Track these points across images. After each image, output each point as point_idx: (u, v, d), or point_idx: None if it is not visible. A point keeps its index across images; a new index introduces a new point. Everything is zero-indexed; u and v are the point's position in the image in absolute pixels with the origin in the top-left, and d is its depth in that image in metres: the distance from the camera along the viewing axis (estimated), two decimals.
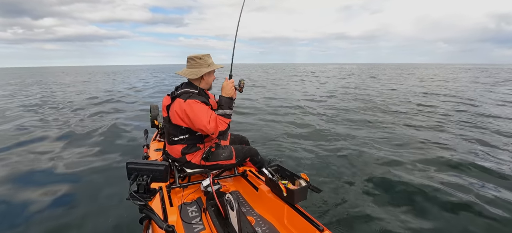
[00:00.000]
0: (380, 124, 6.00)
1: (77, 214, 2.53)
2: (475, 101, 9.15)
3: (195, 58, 1.91)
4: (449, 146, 4.37)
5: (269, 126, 5.97)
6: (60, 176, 3.42)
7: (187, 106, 1.79)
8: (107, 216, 2.46)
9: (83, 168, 3.64)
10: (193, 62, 1.92)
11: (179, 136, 1.92)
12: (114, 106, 9.21)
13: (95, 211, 2.57)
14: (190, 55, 1.93)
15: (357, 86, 15.24)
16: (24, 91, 14.54)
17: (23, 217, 2.51)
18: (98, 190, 2.98)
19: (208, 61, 1.93)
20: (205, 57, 1.92)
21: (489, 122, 6.07)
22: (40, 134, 5.44)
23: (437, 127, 5.72)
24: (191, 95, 1.85)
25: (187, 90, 1.89)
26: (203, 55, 1.92)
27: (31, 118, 7.08)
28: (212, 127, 1.80)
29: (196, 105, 1.80)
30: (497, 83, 16.81)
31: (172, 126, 1.91)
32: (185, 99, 1.82)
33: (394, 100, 9.74)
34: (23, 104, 9.65)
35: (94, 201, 2.76)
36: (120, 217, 2.41)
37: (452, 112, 7.31)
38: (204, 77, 1.94)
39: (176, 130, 1.91)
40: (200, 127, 1.81)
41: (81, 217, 2.48)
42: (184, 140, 1.93)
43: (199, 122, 1.79)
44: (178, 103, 1.84)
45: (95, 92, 13.43)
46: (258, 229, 1.68)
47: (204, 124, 1.78)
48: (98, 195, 2.87)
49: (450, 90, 12.90)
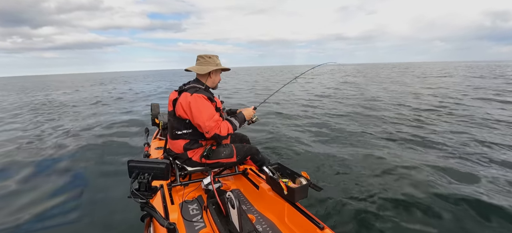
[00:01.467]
0: (381, 124, 5.99)
1: (78, 213, 2.54)
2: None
3: (205, 56, 2.03)
4: (450, 146, 4.36)
5: (269, 126, 5.98)
6: (60, 176, 3.43)
7: (192, 99, 1.85)
8: (109, 214, 2.47)
9: (83, 168, 3.65)
10: (202, 60, 2.03)
11: (182, 130, 1.95)
12: (114, 105, 9.22)
13: (96, 209, 2.59)
14: (201, 54, 2.04)
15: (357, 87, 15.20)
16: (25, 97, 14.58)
17: (23, 217, 2.52)
18: (99, 189, 3.00)
19: (216, 61, 2.04)
20: (214, 57, 2.04)
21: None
22: (37, 132, 5.46)
23: (438, 126, 5.71)
24: (198, 89, 1.92)
25: (195, 85, 1.97)
26: (212, 55, 2.05)
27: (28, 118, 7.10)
28: (210, 125, 1.82)
29: (201, 100, 1.86)
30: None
31: (176, 119, 1.95)
32: (191, 93, 1.88)
33: (392, 100, 9.72)
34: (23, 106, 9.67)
35: (95, 200, 2.77)
36: (121, 215, 2.42)
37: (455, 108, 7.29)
38: (211, 75, 2.03)
39: (180, 124, 1.94)
40: (199, 122, 1.84)
41: (83, 215, 2.50)
42: (187, 134, 1.96)
43: (199, 117, 1.83)
44: (184, 95, 1.90)
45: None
46: (259, 227, 1.68)
47: (204, 120, 1.82)
48: (99, 194, 2.89)
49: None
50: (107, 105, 9.52)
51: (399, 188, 2.89)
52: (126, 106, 9.18)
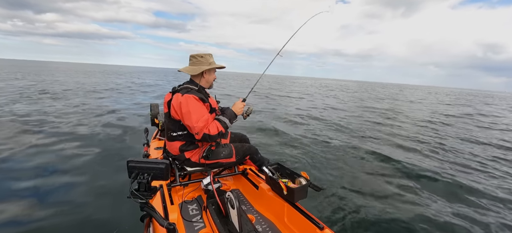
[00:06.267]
0: (382, 129, 6.00)
1: (77, 213, 2.54)
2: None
3: (197, 56, 1.97)
4: (444, 154, 4.37)
5: (270, 125, 5.98)
6: (60, 176, 3.42)
7: (183, 100, 1.81)
8: (108, 214, 2.46)
9: (83, 167, 3.64)
10: (195, 60, 1.97)
11: (177, 131, 1.93)
12: (113, 104, 9.22)
13: (96, 209, 2.58)
14: (193, 54, 1.98)
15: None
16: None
17: (23, 216, 2.52)
18: (99, 188, 2.99)
19: (209, 60, 1.98)
20: (207, 56, 1.98)
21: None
22: (37, 129, 5.45)
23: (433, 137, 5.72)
24: (189, 90, 1.88)
25: (187, 86, 1.93)
26: (204, 53, 1.98)
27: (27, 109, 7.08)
28: (198, 126, 1.78)
29: (192, 101, 1.81)
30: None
31: (171, 121, 1.93)
32: (183, 93, 1.85)
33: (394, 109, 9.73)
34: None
35: (95, 200, 2.77)
36: (121, 215, 2.42)
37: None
38: (205, 75, 1.97)
39: (175, 125, 1.92)
40: (188, 123, 1.81)
41: (82, 215, 2.49)
42: (182, 136, 1.94)
43: (188, 118, 1.80)
44: (176, 96, 1.87)
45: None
46: (259, 227, 1.68)
47: (192, 121, 1.78)
48: (99, 194, 2.88)
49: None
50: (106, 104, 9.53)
51: (400, 190, 2.89)
52: (126, 105, 9.18)
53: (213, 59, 2.02)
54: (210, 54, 2.00)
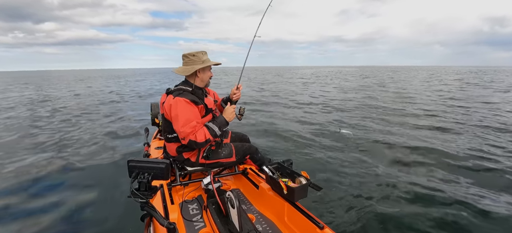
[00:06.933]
0: (383, 124, 5.99)
1: (78, 213, 2.54)
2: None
3: (189, 55, 1.89)
4: (453, 148, 4.36)
5: (270, 125, 5.98)
6: (60, 175, 3.43)
7: (173, 103, 1.78)
8: (109, 213, 2.47)
9: (83, 167, 3.65)
10: (187, 60, 1.91)
11: (173, 133, 1.91)
12: (113, 105, 9.22)
13: (96, 209, 2.59)
14: (185, 53, 1.91)
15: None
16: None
17: (22, 215, 2.52)
18: (99, 188, 2.99)
19: (202, 58, 1.90)
20: (199, 54, 1.90)
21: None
22: (37, 132, 5.46)
23: (441, 128, 5.71)
24: (181, 93, 1.82)
25: (180, 88, 1.88)
26: (197, 52, 1.90)
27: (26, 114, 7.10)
28: (184, 132, 1.73)
29: (181, 104, 1.76)
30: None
31: (166, 122, 1.91)
32: (175, 96, 1.81)
33: (395, 100, 9.73)
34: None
35: (95, 200, 2.77)
36: (121, 214, 2.42)
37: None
38: (199, 74, 1.91)
39: (170, 127, 1.90)
40: (175, 127, 1.78)
41: (83, 215, 2.50)
42: (177, 138, 1.89)
43: (175, 122, 1.77)
44: (168, 99, 1.85)
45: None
46: (259, 226, 1.68)
47: (178, 126, 1.74)
48: (99, 193, 2.89)
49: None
50: (106, 103, 9.53)
51: (399, 188, 2.89)
52: (126, 105, 9.19)
53: (207, 56, 1.94)
54: (204, 52, 1.93)
